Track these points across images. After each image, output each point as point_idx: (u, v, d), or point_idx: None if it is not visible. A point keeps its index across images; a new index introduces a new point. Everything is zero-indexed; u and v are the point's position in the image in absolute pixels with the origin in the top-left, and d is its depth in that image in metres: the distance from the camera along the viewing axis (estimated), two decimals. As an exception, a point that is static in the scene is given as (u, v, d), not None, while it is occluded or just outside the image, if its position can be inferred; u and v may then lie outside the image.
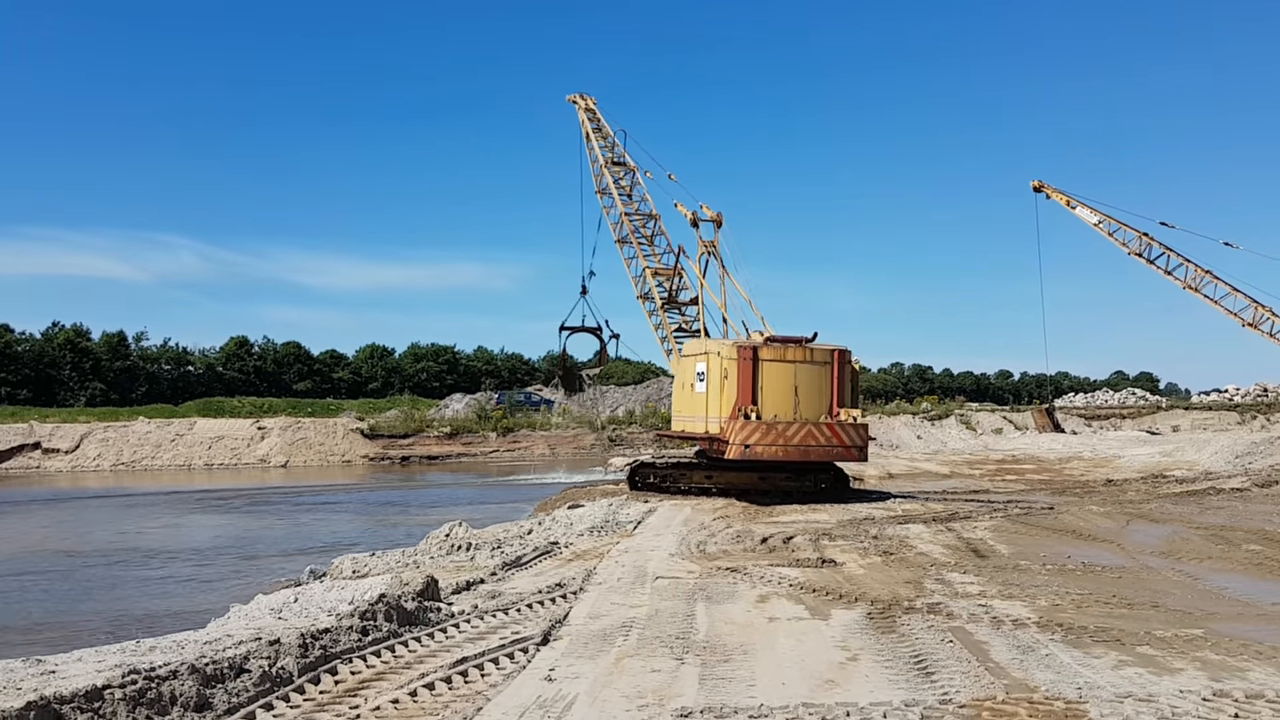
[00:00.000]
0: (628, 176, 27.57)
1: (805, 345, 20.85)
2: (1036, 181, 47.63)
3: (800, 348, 20.74)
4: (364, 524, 26.31)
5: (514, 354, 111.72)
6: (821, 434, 20.02)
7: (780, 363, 20.44)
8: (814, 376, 20.47)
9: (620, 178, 27.52)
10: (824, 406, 20.35)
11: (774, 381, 20.35)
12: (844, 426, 20.19)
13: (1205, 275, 44.61)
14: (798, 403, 20.23)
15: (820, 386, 20.45)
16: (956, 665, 7.28)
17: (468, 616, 9.17)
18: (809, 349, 20.71)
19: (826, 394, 20.44)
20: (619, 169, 27.76)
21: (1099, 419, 65.91)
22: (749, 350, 20.46)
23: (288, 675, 6.94)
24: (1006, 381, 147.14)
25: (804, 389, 20.34)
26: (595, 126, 28.67)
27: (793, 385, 20.32)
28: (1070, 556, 12.78)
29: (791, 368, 20.43)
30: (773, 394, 20.29)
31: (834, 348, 20.84)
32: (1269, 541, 13.86)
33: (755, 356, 20.37)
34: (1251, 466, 27.29)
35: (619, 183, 27.46)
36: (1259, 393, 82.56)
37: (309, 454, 52.66)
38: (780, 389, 20.31)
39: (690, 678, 7.10)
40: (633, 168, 27.70)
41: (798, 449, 20.04)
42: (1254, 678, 6.90)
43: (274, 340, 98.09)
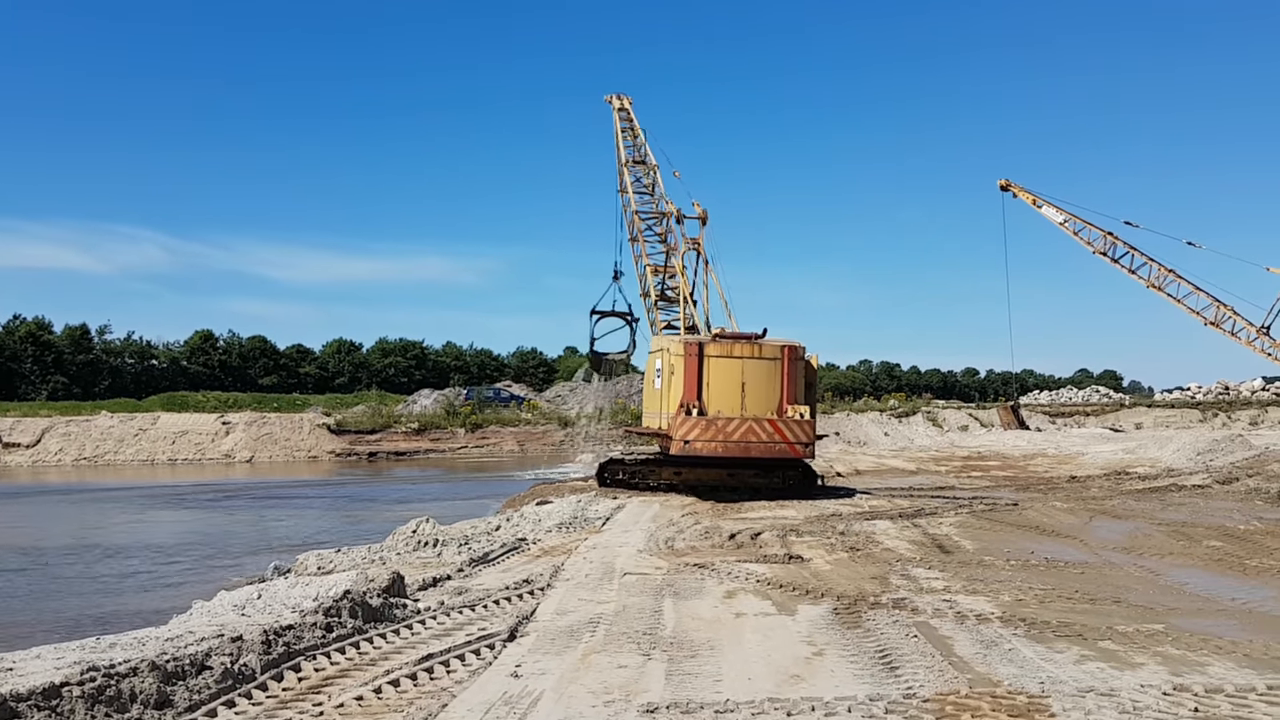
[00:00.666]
0: (649, 175, 27.98)
1: (754, 341, 20.88)
2: (1003, 180, 48.05)
3: (748, 344, 20.76)
4: (330, 520, 26.12)
5: (483, 349, 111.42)
6: (764, 430, 20.01)
7: (727, 359, 20.45)
8: (762, 373, 20.44)
9: (642, 176, 27.88)
10: (773, 403, 20.31)
11: (720, 378, 20.36)
12: (788, 423, 20.14)
13: (1168, 274, 45.21)
14: (744, 399, 20.23)
15: (769, 383, 20.41)
16: (921, 660, 7.32)
17: (434, 613, 9.12)
18: (757, 345, 20.72)
19: (776, 390, 20.39)
20: (640, 167, 28.20)
21: (1063, 416, 66.64)
22: (695, 346, 20.52)
23: (250, 672, 6.86)
24: (973, 379, 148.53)
25: (751, 385, 20.33)
26: (626, 126, 29.00)
27: (740, 382, 20.32)
28: (1034, 552, 12.91)
29: (739, 364, 20.43)
30: (719, 390, 20.31)
31: (784, 344, 20.82)
32: (1229, 538, 14.06)
33: (701, 353, 20.40)
34: (1213, 464, 27.69)
35: (640, 181, 27.84)
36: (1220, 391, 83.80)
37: (274, 449, 52.22)
38: (727, 385, 20.32)
39: (657, 673, 7.10)
40: (653, 166, 28.14)
41: (738, 445, 20.04)
42: (1213, 672, 6.99)
43: (239, 334, 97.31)
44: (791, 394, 20.40)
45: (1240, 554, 12.58)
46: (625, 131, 28.92)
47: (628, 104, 29.52)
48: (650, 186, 27.81)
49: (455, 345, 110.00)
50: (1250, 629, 8.38)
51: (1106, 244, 45.84)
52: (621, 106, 29.51)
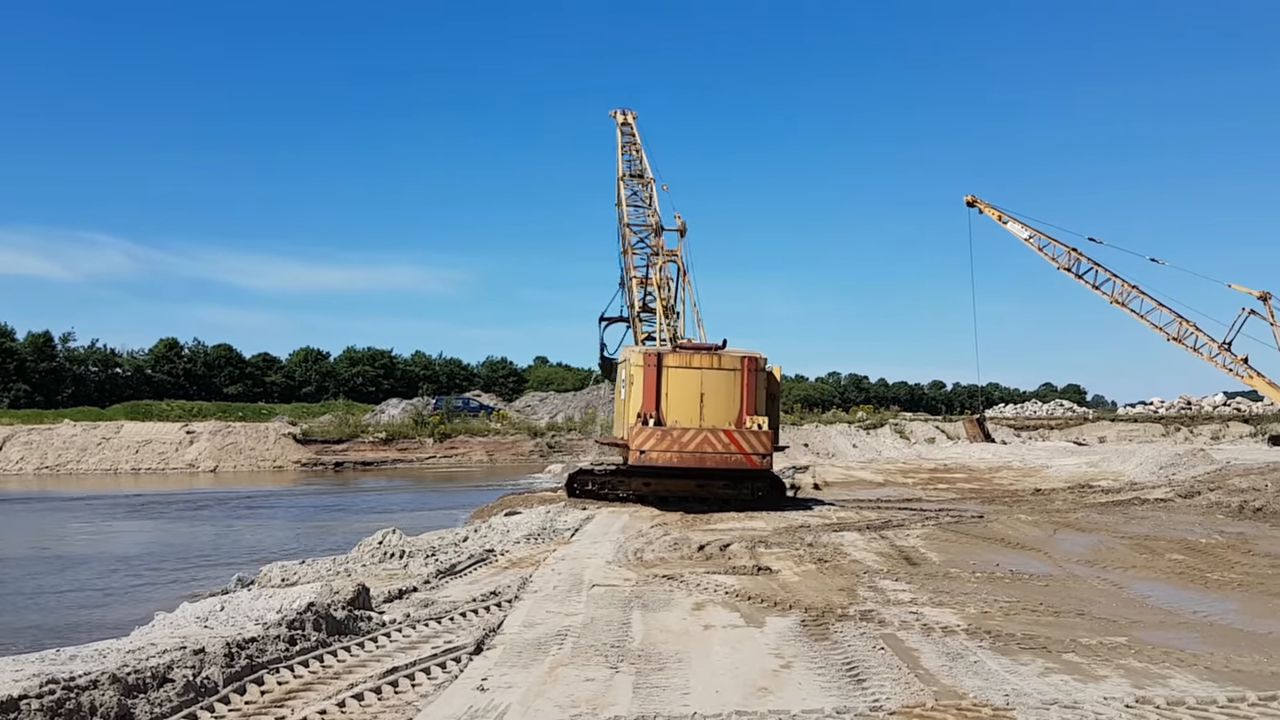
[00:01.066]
0: (646, 189, 28.29)
1: (713, 353, 20.94)
2: (970, 196, 48.61)
3: (707, 355, 20.83)
4: (295, 531, 25.85)
5: (453, 359, 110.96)
6: (719, 441, 20.03)
7: (686, 369, 20.49)
8: (722, 384, 20.47)
9: (639, 189, 28.27)
10: (732, 414, 20.33)
11: (679, 388, 20.40)
12: (744, 434, 20.14)
13: (1132, 290, 45.89)
14: (703, 410, 20.27)
15: (728, 394, 20.44)
16: (887, 672, 7.35)
17: (399, 625, 9.04)
18: (716, 356, 20.78)
19: (735, 401, 20.40)
20: (638, 181, 28.52)
21: (1028, 429, 67.33)
22: (653, 357, 20.58)
23: (213, 685, 6.77)
24: (940, 392, 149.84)
25: (710, 396, 20.36)
26: (629, 140, 29.37)
27: (699, 392, 20.36)
28: (999, 564, 13.00)
29: (698, 374, 20.47)
30: (678, 401, 20.35)
31: (744, 355, 20.89)
32: (1191, 551, 14.23)
33: (659, 363, 20.46)
34: (1175, 477, 28.04)
35: (636, 195, 28.22)
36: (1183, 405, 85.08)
37: (239, 459, 51.65)
38: (685, 396, 20.35)
39: (624, 686, 7.07)
40: (649, 180, 28.38)
41: (694, 455, 20.05)
42: (1175, 684, 7.07)
43: (204, 342, 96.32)
44: (751, 405, 20.41)
45: (1202, 567, 12.74)
46: (627, 146, 29.26)
47: (631, 119, 29.92)
48: (648, 199, 28.10)
49: (424, 355, 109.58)
50: (1211, 642, 8.48)
51: (1071, 260, 46.46)
52: (625, 121, 29.89)
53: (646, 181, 28.31)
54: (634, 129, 29.55)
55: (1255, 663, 7.67)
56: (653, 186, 28.12)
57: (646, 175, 28.41)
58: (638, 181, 28.38)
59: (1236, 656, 7.86)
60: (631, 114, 29.90)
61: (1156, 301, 45.79)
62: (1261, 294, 45.46)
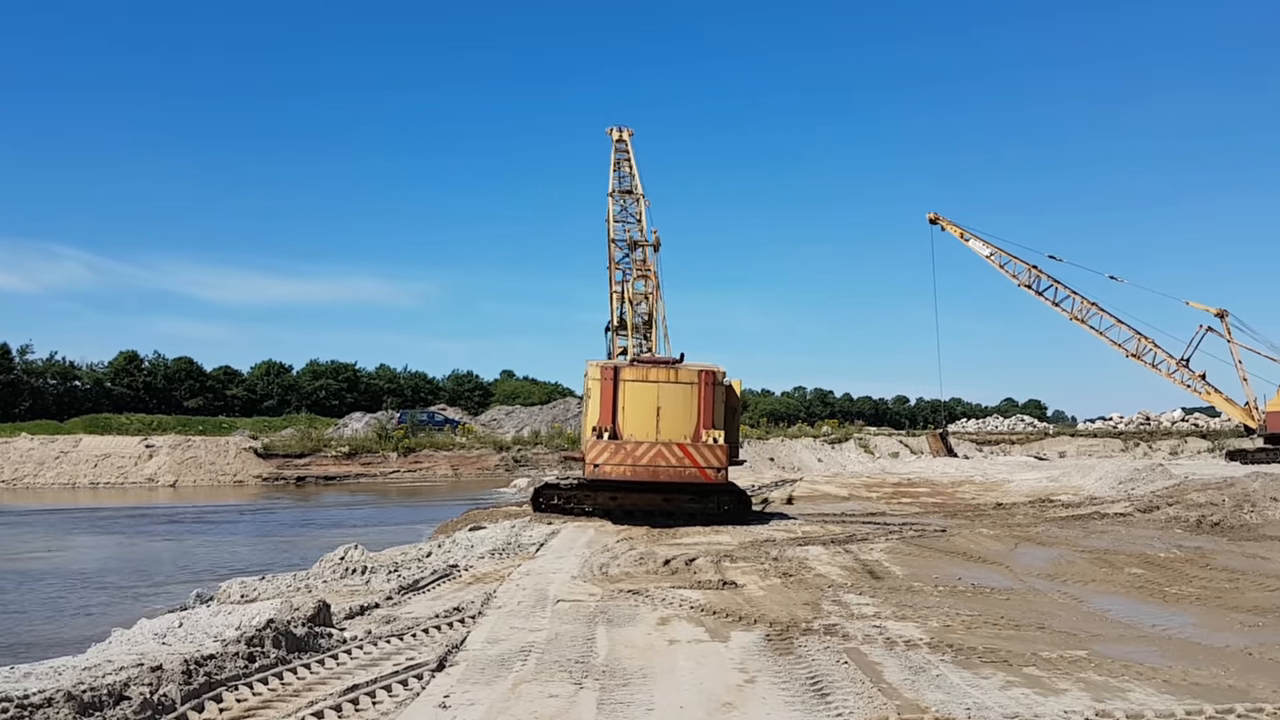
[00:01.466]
0: (635, 204, 28.60)
1: (670, 366, 20.99)
2: (932, 214, 49.17)
3: (664, 369, 20.87)
4: (255, 546, 25.53)
5: (418, 372, 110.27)
6: (673, 454, 20.06)
7: (643, 383, 20.53)
8: (678, 397, 20.51)
9: (629, 205, 28.59)
10: (689, 427, 20.37)
11: (636, 402, 20.45)
12: (698, 447, 20.16)
13: (1091, 307, 46.59)
14: (659, 423, 20.30)
15: (685, 407, 20.47)
16: (851, 686, 7.37)
17: (360, 642, 8.94)
18: (674, 370, 20.84)
19: (692, 415, 20.45)
20: (628, 197, 28.79)
21: (990, 444, 68.03)
22: (610, 370, 20.63)
23: (170, 703, 6.66)
24: (904, 406, 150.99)
25: (667, 410, 20.40)
26: (623, 157, 29.71)
27: (655, 406, 20.40)
28: (961, 578, 13.08)
29: (655, 388, 20.51)
30: (634, 414, 20.39)
31: (701, 368, 20.97)
32: (1150, 565, 14.39)
33: (616, 377, 20.48)
34: (1134, 492, 28.38)
35: (625, 210, 28.51)
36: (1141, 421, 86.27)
37: (199, 473, 50.95)
38: (642, 410, 20.40)
39: (588, 702, 7.04)
40: (639, 196, 28.64)
41: (647, 469, 20.09)
42: (1134, 698, 7.14)
43: (165, 355, 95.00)
44: (709, 419, 20.44)
45: (1161, 581, 12.88)
46: (621, 162, 29.58)
47: (627, 136, 30.17)
48: (638, 215, 28.40)
49: (389, 368, 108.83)
50: (1170, 655, 8.57)
51: (1031, 277, 47.10)
52: (620, 138, 30.16)
53: (636, 197, 28.60)
54: (629, 146, 29.87)
55: (1213, 675, 7.76)
56: (642, 203, 28.46)
57: (636, 191, 28.70)
58: (628, 197, 28.66)
59: (1194, 669, 7.95)
60: (628, 131, 30.23)
61: (1115, 318, 46.54)
62: (1219, 311, 46.33)
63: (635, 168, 29.24)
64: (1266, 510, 20.62)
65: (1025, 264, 47.24)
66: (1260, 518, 19.98)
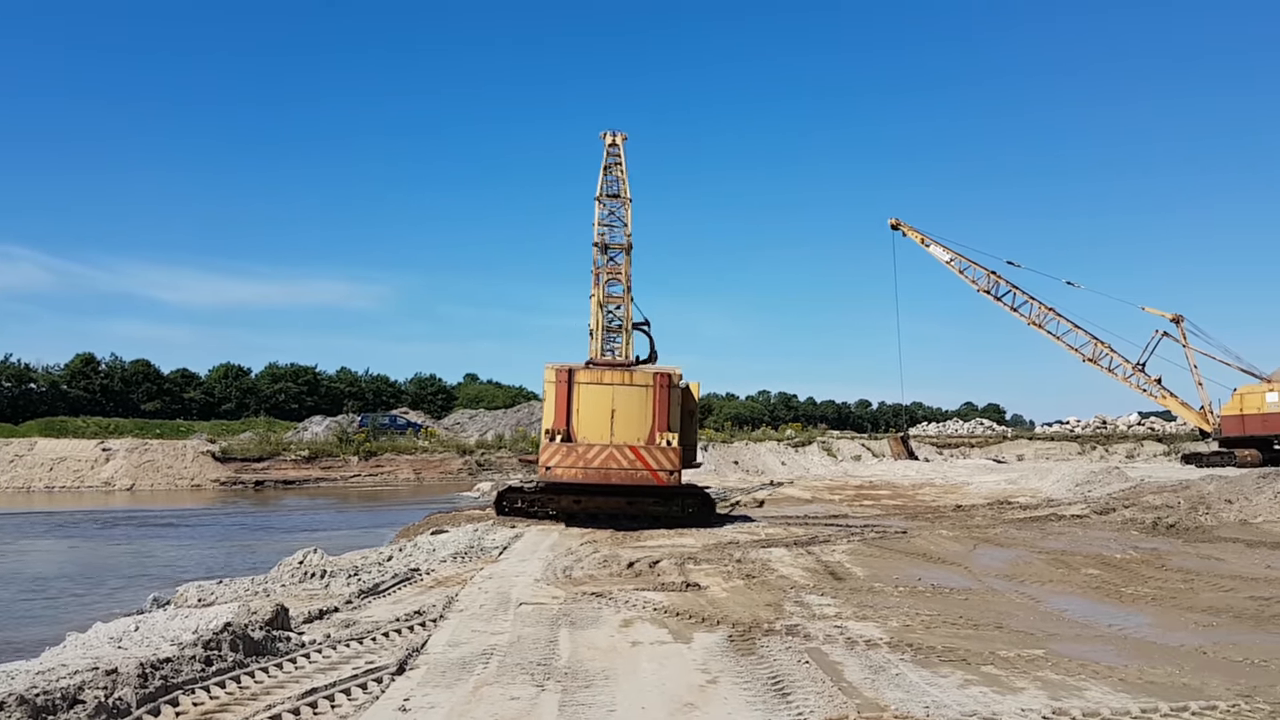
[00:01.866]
0: (622, 208, 28.55)
1: (625, 369, 21.00)
2: (894, 219, 49.58)
3: (619, 371, 20.89)
4: (213, 551, 25.19)
5: (379, 376, 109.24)
6: (625, 457, 20.10)
7: (597, 385, 20.56)
8: (633, 400, 20.55)
9: (618, 209, 28.54)
10: (644, 430, 20.40)
11: (590, 405, 20.50)
12: (650, 449, 20.19)
13: (1049, 313, 47.18)
14: (613, 426, 20.31)
15: (640, 410, 20.51)
16: (811, 686, 7.40)
17: (319, 646, 8.85)
18: (628, 372, 20.87)
19: (647, 417, 20.48)
20: (615, 200, 28.78)
21: (950, 447, 68.66)
22: (565, 373, 20.64)
23: (125, 706, 6.55)
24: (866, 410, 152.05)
25: (621, 412, 20.45)
26: (614, 161, 29.69)
27: (610, 409, 20.42)
28: (921, 579, 13.19)
29: (609, 390, 20.55)
30: (589, 417, 20.45)
31: (658, 370, 21.00)
32: (1106, 566, 14.58)
33: (571, 379, 20.48)
34: (1090, 494, 28.77)
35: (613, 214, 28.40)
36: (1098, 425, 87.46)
37: (156, 477, 50.21)
38: (596, 412, 20.45)
39: (550, 704, 7.01)
40: (626, 199, 28.63)
41: (598, 471, 20.13)
42: (1091, 696, 7.23)
43: (122, 358, 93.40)
44: (664, 421, 20.46)
45: (1117, 581, 13.06)
46: (612, 167, 29.63)
47: (620, 140, 30.19)
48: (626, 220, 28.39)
49: (350, 371, 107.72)
50: (1125, 654, 8.69)
51: (990, 283, 47.61)
52: (613, 142, 30.17)
53: (624, 201, 28.70)
54: (620, 150, 29.93)
55: (1168, 674, 7.88)
56: (629, 207, 28.52)
57: (623, 195, 28.81)
58: (615, 201, 28.68)
59: (1150, 668, 8.07)
60: (621, 135, 30.28)
61: (1072, 323, 47.16)
62: (1174, 317, 47.07)
63: (625, 173, 29.36)
64: (1221, 513, 20.98)
65: (984, 269, 47.77)
66: (1215, 520, 20.33)
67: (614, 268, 26.25)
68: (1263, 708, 6.81)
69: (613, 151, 29.93)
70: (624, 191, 28.69)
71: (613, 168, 29.45)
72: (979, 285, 47.71)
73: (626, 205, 28.42)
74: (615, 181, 29.03)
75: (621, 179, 29.07)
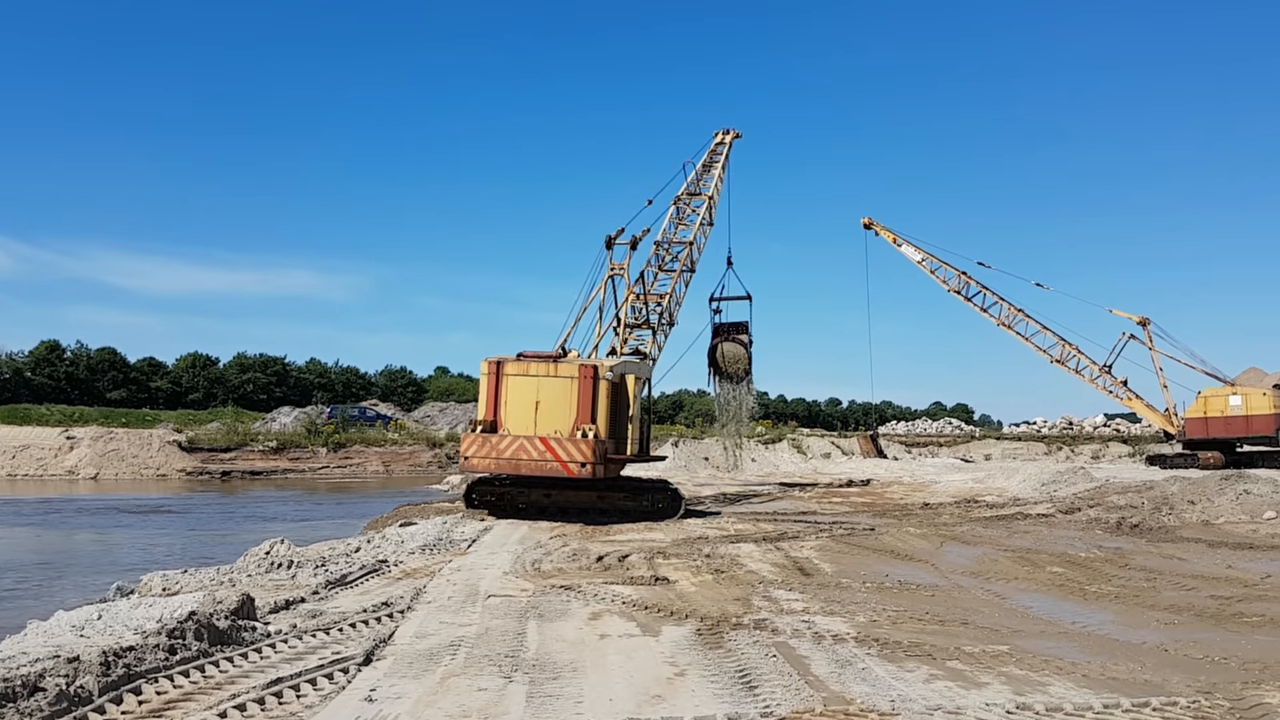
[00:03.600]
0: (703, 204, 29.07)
1: (551, 361, 21.02)
2: (866, 219, 49.72)
3: (545, 363, 20.91)
4: (178, 540, 24.94)
5: (349, 367, 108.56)
6: (534, 448, 20.09)
7: (524, 377, 20.65)
8: (558, 391, 20.55)
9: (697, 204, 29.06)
10: (568, 422, 20.40)
11: (517, 396, 20.58)
12: (560, 441, 20.09)
13: (1018, 313, 47.53)
14: (538, 417, 20.37)
15: (565, 402, 20.50)
16: (778, 679, 7.44)
17: (285, 636, 8.78)
18: (554, 364, 20.88)
19: (572, 409, 20.47)
20: (696, 198, 29.22)
21: (918, 446, 69.18)
22: (494, 365, 20.71)
23: (87, 694, 6.48)
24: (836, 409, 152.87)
25: (546, 404, 20.48)
26: (715, 160, 30.25)
27: (535, 400, 20.48)
28: (888, 575, 13.28)
29: (535, 382, 20.61)
30: (515, 408, 20.54)
31: (583, 363, 21.04)
32: (1071, 564, 14.74)
33: (499, 371, 20.55)
34: (1056, 494, 29.08)
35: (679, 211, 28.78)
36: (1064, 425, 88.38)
37: (121, 466, 49.64)
38: (523, 404, 20.52)
39: (517, 696, 7.00)
40: (705, 197, 29.13)
41: (509, 462, 20.19)
42: (1054, 691, 7.30)
43: (88, 345, 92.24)
44: (588, 414, 20.43)
45: (1081, 580, 13.20)
46: (711, 165, 30.08)
47: (728, 140, 30.75)
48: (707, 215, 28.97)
49: (320, 362, 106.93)
50: (1088, 651, 8.78)
51: (961, 283, 47.90)
52: (721, 141, 30.73)
53: (704, 198, 29.18)
54: (726, 151, 30.40)
55: (1130, 671, 7.97)
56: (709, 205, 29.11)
57: (703, 193, 29.30)
58: (697, 198, 29.17)
59: (1112, 665, 8.16)
60: (731, 135, 30.92)
61: (1041, 325, 47.55)
62: (1141, 319, 47.61)
63: (718, 172, 29.82)
64: (1184, 513, 21.27)
65: (955, 270, 48.06)
66: (1178, 520, 20.61)
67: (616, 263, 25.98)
68: (1222, 704, 6.91)
69: (718, 150, 30.25)
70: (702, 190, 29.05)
71: (712, 166, 29.69)
72: (950, 285, 48.01)
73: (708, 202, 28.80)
74: (705, 180, 29.20)
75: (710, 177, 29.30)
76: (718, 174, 29.84)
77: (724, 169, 30.16)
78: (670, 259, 27.94)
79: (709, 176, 29.71)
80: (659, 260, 27.81)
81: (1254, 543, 17.11)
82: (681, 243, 28.18)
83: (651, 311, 26.83)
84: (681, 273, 27.86)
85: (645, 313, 26.67)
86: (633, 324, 26.53)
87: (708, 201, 29.08)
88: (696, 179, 29.44)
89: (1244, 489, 22.64)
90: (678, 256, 27.99)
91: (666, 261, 27.89)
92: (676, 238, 28.22)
